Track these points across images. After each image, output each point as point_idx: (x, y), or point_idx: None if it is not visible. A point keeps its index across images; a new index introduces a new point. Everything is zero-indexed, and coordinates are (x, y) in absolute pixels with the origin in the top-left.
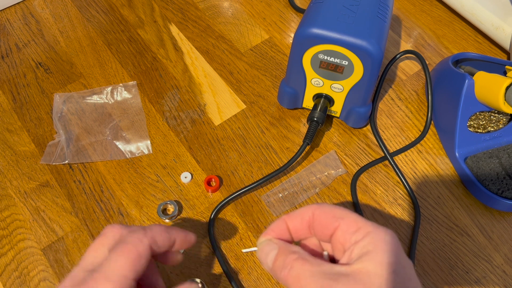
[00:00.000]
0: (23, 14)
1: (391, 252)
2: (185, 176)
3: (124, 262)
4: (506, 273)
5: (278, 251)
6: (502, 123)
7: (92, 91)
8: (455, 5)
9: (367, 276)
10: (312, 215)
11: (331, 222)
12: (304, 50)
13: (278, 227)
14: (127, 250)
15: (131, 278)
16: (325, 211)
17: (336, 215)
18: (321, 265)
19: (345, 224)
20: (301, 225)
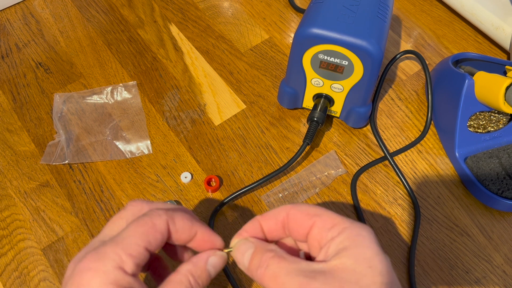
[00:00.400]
0: (23, 14)
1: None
2: (185, 176)
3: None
4: (506, 273)
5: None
6: (502, 123)
7: (92, 91)
8: (455, 5)
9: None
10: (287, 215)
11: (306, 220)
12: (304, 50)
13: (252, 228)
14: (143, 221)
15: (142, 246)
16: (300, 210)
17: (311, 213)
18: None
19: (320, 221)
20: (275, 226)
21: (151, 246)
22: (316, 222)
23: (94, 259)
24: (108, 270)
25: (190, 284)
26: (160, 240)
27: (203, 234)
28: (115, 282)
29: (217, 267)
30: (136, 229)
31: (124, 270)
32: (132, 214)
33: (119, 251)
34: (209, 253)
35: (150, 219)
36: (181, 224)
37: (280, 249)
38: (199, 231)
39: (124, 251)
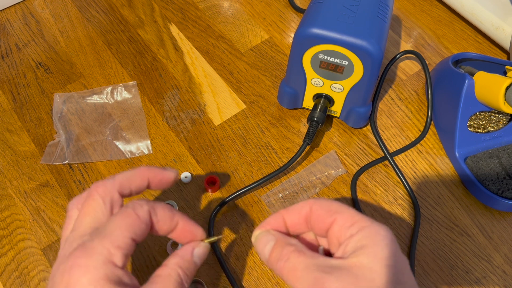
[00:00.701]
0: (23, 14)
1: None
2: (185, 176)
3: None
4: (506, 273)
5: (276, 243)
6: (502, 123)
7: (92, 91)
8: (455, 5)
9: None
10: (310, 209)
11: (327, 216)
12: (304, 50)
13: (275, 221)
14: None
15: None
16: (322, 206)
17: (333, 210)
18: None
19: (341, 218)
20: (298, 220)
21: (137, 236)
22: (336, 219)
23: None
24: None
25: (180, 277)
26: (145, 230)
27: (184, 225)
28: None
29: (202, 257)
30: (122, 222)
31: (113, 263)
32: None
33: (107, 245)
34: (193, 245)
35: (133, 210)
36: (163, 215)
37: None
38: (180, 222)
39: (112, 244)
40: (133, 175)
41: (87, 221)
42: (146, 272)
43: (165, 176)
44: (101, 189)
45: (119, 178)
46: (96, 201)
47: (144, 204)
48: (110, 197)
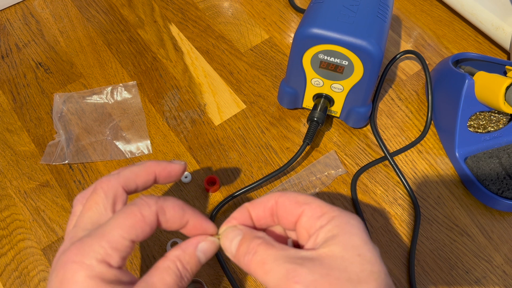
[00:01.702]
0: (23, 14)
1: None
2: (185, 176)
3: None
4: (506, 273)
5: (243, 237)
6: (502, 123)
7: (92, 91)
8: (455, 5)
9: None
10: (275, 202)
11: (295, 208)
12: (304, 50)
13: (241, 215)
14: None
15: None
16: (289, 198)
17: (300, 201)
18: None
19: (309, 209)
20: (263, 213)
21: (138, 238)
22: (305, 210)
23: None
24: (92, 264)
25: (178, 270)
26: (149, 232)
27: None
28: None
29: (208, 253)
30: (124, 221)
31: (109, 263)
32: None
33: (104, 244)
34: (199, 239)
35: (139, 210)
36: (172, 214)
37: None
38: (191, 219)
39: (110, 245)
40: (140, 170)
41: (88, 216)
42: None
43: (174, 169)
44: (105, 184)
45: (125, 173)
46: (99, 196)
47: (153, 204)
48: (113, 192)
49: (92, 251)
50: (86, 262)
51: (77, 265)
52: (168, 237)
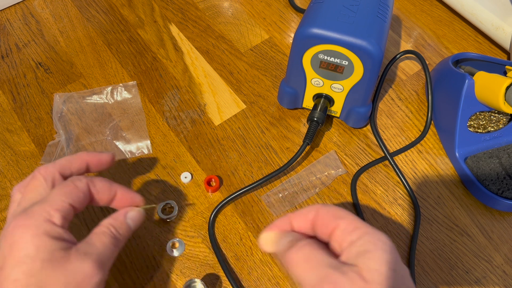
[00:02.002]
0: (23, 14)
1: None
2: (185, 176)
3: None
4: (506, 273)
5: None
6: (502, 123)
7: (92, 91)
8: (455, 5)
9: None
10: (316, 214)
11: (331, 221)
12: (304, 50)
13: (283, 224)
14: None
15: (67, 202)
16: (329, 211)
17: (336, 215)
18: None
19: (343, 223)
20: (304, 224)
21: (75, 203)
22: (339, 224)
23: (24, 218)
24: (38, 223)
25: (113, 233)
26: (83, 198)
27: (123, 193)
28: (46, 232)
29: (136, 220)
30: (60, 190)
31: (52, 222)
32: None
33: (47, 208)
34: (127, 209)
35: (72, 182)
36: (101, 185)
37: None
38: (118, 191)
39: (52, 207)
40: (73, 158)
41: (30, 197)
42: (146, 272)
43: (102, 158)
44: (43, 170)
45: (60, 161)
46: (38, 180)
47: (83, 178)
48: (51, 177)
49: (37, 214)
50: (33, 223)
51: (23, 228)
52: (168, 237)
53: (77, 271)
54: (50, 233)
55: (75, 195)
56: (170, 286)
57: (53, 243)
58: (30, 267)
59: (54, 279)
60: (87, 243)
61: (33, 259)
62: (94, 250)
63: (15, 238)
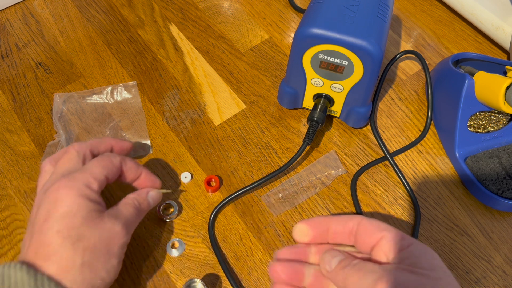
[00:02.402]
0: (23, 14)
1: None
2: (185, 176)
3: (99, 164)
4: (506, 273)
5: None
6: (502, 123)
7: (92, 91)
8: (455, 5)
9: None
10: (357, 224)
11: (376, 232)
12: (304, 50)
13: (321, 224)
14: (103, 157)
15: (104, 174)
16: (371, 222)
17: (381, 227)
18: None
19: (390, 235)
20: (343, 230)
21: (109, 175)
22: (386, 235)
23: (67, 180)
24: (80, 187)
25: (136, 205)
26: (116, 173)
27: (146, 175)
28: (85, 195)
29: (155, 199)
30: (99, 163)
31: (91, 188)
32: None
33: (87, 175)
34: (149, 189)
35: (109, 157)
36: (130, 165)
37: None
38: (143, 172)
39: (91, 176)
40: (101, 141)
41: (66, 167)
42: (146, 272)
43: (123, 145)
44: (77, 146)
45: (91, 142)
46: (72, 154)
47: (117, 155)
48: (83, 152)
49: (79, 179)
50: (75, 186)
51: (67, 189)
52: (168, 237)
53: (110, 230)
54: (89, 196)
55: (110, 169)
56: (170, 286)
57: (90, 205)
58: (72, 221)
59: (90, 233)
60: (116, 210)
61: (75, 215)
62: (122, 216)
63: (59, 196)
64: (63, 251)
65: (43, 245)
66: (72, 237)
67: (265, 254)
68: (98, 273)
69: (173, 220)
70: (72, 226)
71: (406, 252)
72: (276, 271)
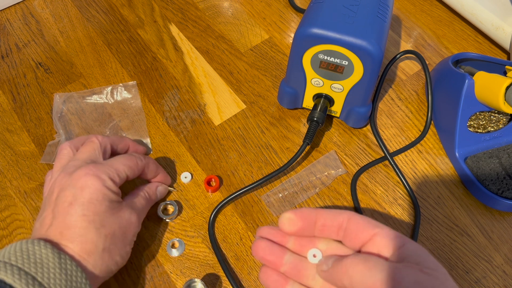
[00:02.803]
0: (23, 14)
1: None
2: (185, 176)
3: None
4: (506, 273)
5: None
6: (502, 123)
7: (92, 91)
8: (455, 5)
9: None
10: (348, 219)
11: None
12: (304, 50)
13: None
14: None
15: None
16: (363, 219)
17: (373, 224)
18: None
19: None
20: (331, 223)
21: (130, 174)
22: (379, 233)
23: (96, 169)
24: (105, 178)
25: (146, 197)
26: (137, 174)
27: (162, 175)
28: (109, 187)
29: (162, 193)
30: (126, 162)
31: (114, 181)
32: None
33: (112, 170)
34: (158, 183)
35: (136, 158)
36: (152, 168)
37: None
38: (160, 173)
39: (116, 171)
40: (121, 139)
41: (88, 155)
42: (146, 272)
43: (139, 149)
44: (100, 138)
45: (113, 137)
46: (95, 144)
47: (143, 158)
48: (105, 145)
49: (105, 171)
50: (101, 176)
51: (95, 177)
52: (168, 237)
53: (127, 219)
54: (111, 188)
55: (133, 169)
56: (170, 286)
57: (113, 196)
58: (97, 208)
59: (112, 221)
60: (131, 202)
61: (100, 203)
62: (136, 207)
63: (87, 183)
64: (88, 235)
65: (68, 226)
66: (96, 222)
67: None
68: (115, 258)
69: (173, 220)
70: (96, 212)
71: (405, 250)
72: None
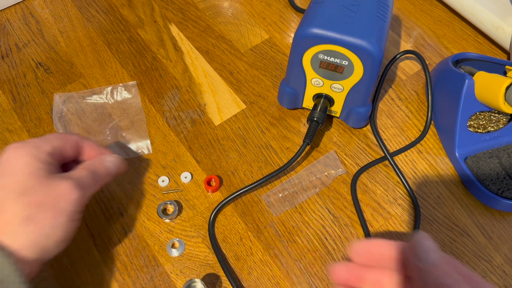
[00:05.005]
0: (23, 14)
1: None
2: (185, 176)
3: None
4: (506, 273)
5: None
6: (502, 123)
7: (92, 91)
8: (455, 5)
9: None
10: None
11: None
12: (304, 50)
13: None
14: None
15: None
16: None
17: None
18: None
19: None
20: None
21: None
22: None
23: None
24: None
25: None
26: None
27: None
28: (33, 155)
29: (115, 163)
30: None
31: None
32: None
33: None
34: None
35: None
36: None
37: None
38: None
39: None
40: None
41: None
42: (146, 272)
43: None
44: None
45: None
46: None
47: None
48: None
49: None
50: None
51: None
52: (168, 237)
53: (56, 186)
54: (37, 156)
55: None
56: (170, 286)
57: (38, 163)
58: (17, 177)
59: (36, 189)
60: (69, 173)
61: (22, 172)
62: (73, 175)
63: (9, 157)
64: (5, 204)
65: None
66: (16, 190)
67: (265, 254)
68: (45, 229)
69: (173, 220)
70: (16, 181)
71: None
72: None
